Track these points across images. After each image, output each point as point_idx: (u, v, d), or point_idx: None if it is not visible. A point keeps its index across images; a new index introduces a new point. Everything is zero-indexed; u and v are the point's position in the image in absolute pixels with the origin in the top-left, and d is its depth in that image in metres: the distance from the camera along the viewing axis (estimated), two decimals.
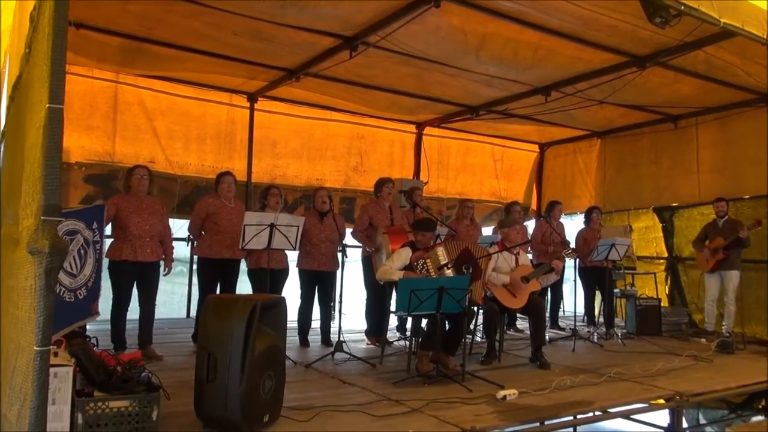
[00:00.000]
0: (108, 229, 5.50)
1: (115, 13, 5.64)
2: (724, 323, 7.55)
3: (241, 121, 8.25)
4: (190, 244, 7.48)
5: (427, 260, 5.28)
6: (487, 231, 9.36)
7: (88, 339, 3.91)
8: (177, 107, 7.76)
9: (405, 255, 5.39)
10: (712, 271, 7.60)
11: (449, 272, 5.24)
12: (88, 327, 4.80)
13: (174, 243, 5.95)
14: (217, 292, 5.91)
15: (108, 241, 5.38)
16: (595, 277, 8.10)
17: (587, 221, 8.38)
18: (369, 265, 6.60)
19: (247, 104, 8.27)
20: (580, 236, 8.37)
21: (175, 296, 9.26)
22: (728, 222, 7.54)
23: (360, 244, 6.85)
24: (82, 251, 4.00)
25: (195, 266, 6.37)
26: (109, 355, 3.59)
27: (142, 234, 5.37)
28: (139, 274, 5.41)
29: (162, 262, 5.63)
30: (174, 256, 5.82)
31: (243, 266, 6.32)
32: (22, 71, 3.25)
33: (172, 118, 7.72)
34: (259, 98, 8.27)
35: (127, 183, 5.52)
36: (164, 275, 5.70)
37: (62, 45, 2.34)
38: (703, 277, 7.93)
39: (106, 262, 5.38)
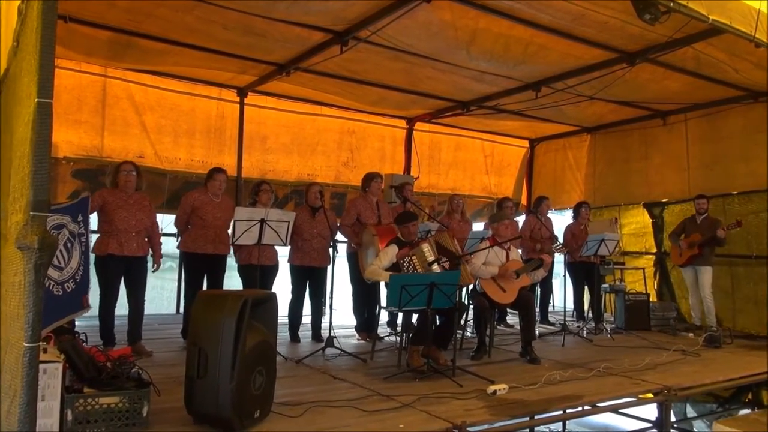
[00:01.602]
0: (94, 225, 5.47)
1: (104, 6, 5.60)
2: (707, 319, 7.62)
3: (230, 116, 8.22)
4: (179, 239, 7.45)
5: (413, 257, 5.30)
6: (478, 226, 9.38)
7: (77, 335, 3.89)
8: (166, 102, 7.71)
9: (392, 252, 5.40)
10: (684, 265, 7.69)
11: (436, 268, 5.27)
12: (76, 323, 4.78)
13: (164, 238, 5.92)
14: (204, 287, 5.90)
15: (94, 235, 5.35)
16: (583, 273, 8.16)
17: (575, 216, 8.44)
18: (354, 261, 6.60)
19: (237, 99, 8.24)
20: (568, 231, 8.42)
21: (165, 292, 9.23)
22: (707, 219, 7.59)
23: (346, 239, 6.84)
24: (68, 244, 3.98)
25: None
26: (99, 351, 3.58)
27: (129, 228, 5.34)
28: (125, 269, 5.38)
29: (150, 258, 5.60)
30: (163, 251, 5.77)
31: (232, 262, 6.30)
32: (10, 65, 3.22)
33: (161, 112, 7.67)
34: (249, 93, 8.23)
35: (115, 180, 5.47)
36: (153, 271, 5.68)
37: (51, 38, 2.32)
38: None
39: (92, 257, 5.35)
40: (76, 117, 7.10)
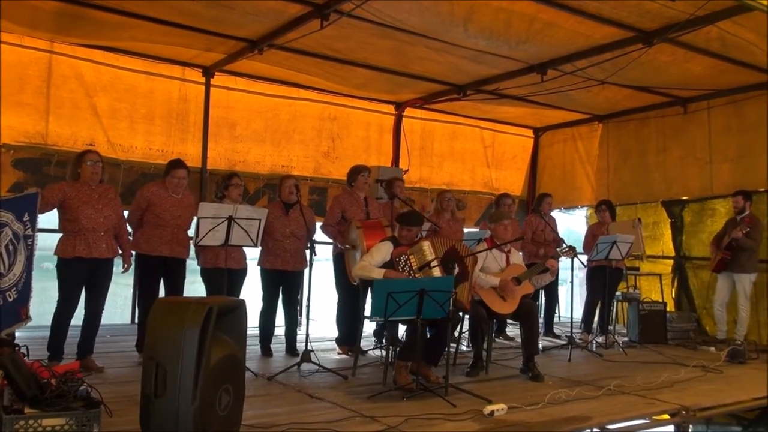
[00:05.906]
0: (51, 223, 5.45)
1: None
2: (736, 330, 7.70)
3: (195, 99, 8.19)
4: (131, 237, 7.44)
5: (411, 256, 5.31)
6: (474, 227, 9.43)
7: (17, 348, 3.87)
8: (121, 82, 7.67)
9: (386, 249, 5.41)
10: (718, 271, 7.79)
11: (435, 271, 5.28)
12: (17, 333, 4.75)
13: None
14: (161, 294, 5.89)
15: (41, 235, 5.32)
16: (603, 280, 8.15)
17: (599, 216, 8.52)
18: (341, 264, 6.60)
19: (203, 79, 8.21)
20: (589, 233, 8.48)
21: (119, 299, 9.18)
22: (747, 219, 7.65)
23: (330, 240, 6.85)
24: (11, 247, 3.96)
25: None
26: (42, 367, 3.57)
27: (97, 227, 5.33)
28: (90, 274, 5.37)
29: (117, 260, 5.60)
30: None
31: (195, 266, 6.29)
32: None
33: (115, 94, 7.63)
34: (216, 73, 8.22)
35: (76, 170, 5.44)
36: (122, 272, 5.72)
37: None
38: (714, 279, 8.09)
39: (53, 260, 5.34)
40: (18, 99, 7.04)
